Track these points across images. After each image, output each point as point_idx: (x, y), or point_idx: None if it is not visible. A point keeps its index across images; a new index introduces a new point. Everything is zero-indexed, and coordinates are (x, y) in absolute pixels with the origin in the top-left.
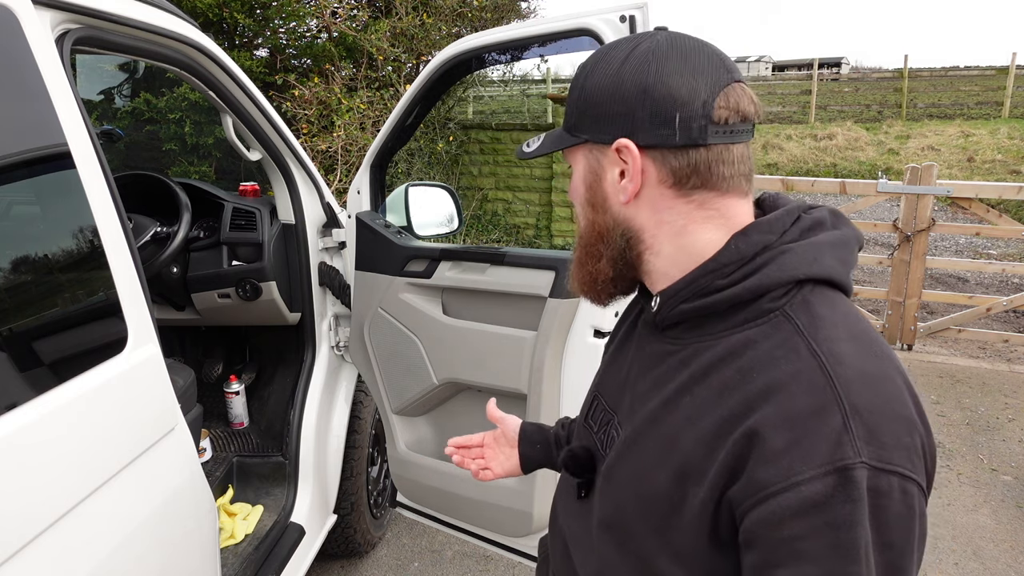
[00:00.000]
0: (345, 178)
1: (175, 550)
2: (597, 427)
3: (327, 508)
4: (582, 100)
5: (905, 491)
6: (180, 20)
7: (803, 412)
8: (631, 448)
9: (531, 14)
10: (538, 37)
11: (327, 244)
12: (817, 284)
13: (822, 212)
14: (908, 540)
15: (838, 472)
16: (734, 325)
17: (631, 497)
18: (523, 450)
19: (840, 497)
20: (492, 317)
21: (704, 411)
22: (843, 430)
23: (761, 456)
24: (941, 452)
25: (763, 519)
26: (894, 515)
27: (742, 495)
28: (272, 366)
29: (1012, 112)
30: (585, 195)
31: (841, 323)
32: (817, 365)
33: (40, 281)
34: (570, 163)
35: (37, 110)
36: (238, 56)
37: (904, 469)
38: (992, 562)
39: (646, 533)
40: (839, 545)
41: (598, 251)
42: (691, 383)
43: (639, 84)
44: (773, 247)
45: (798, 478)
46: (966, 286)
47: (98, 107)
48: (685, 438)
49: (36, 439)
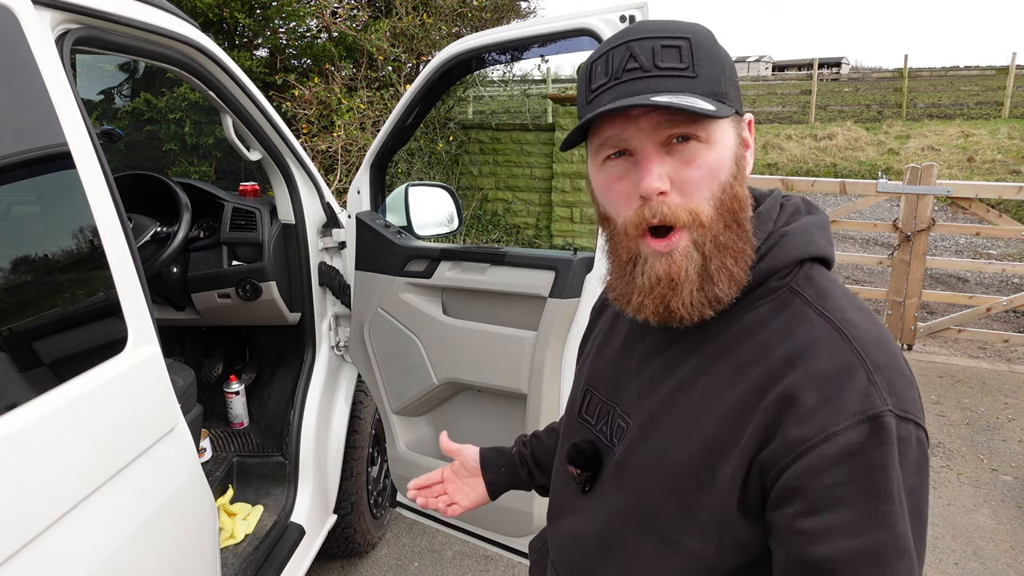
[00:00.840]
0: (345, 178)
1: (175, 550)
2: (596, 420)
3: (327, 508)
4: (727, 68)
5: (919, 439)
6: (180, 20)
7: (830, 371)
8: (648, 433)
9: (531, 14)
10: (538, 37)
11: (327, 244)
12: (814, 262)
13: (796, 199)
14: (924, 485)
15: (870, 420)
16: (743, 306)
17: (652, 480)
18: (488, 477)
19: (873, 442)
20: (492, 317)
21: (725, 387)
22: (869, 383)
23: (796, 416)
24: (941, 452)
25: (803, 471)
26: (913, 461)
27: (777, 455)
28: (272, 366)
29: (1012, 112)
30: (733, 167)
31: (843, 295)
32: (833, 329)
33: (40, 281)
34: (702, 134)
35: (37, 110)
36: (238, 56)
37: (918, 418)
38: (992, 562)
39: (672, 513)
40: (873, 487)
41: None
42: (705, 363)
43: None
44: (775, 232)
45: (834, 428)
46: (966, 286)
47: (98, 107)
48: (709, 416)
49: (36, 439)
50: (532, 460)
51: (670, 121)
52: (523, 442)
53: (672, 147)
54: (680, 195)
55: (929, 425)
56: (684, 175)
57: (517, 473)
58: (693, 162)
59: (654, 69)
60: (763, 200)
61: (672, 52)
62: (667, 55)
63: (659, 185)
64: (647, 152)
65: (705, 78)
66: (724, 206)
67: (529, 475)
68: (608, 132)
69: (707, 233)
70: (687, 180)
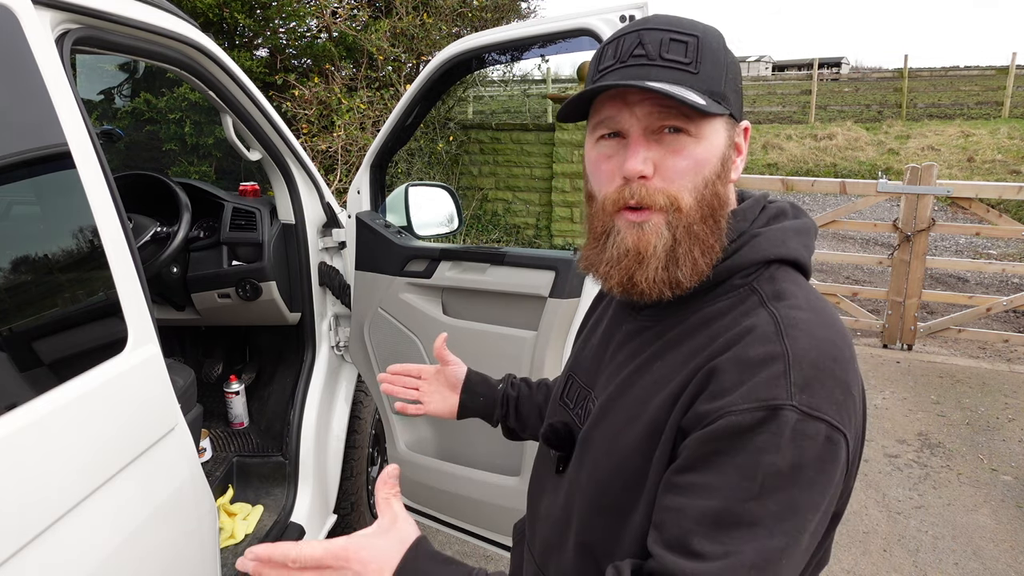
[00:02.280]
0: (345, 178)
1: (175, 550)
2: (573, 404)
3: (327, 508)
4: (730, 72)
5: (830, 438)
6: (180, 20)
7: (753, 358)
8: (605, 414)
9: (531, 14)
10: (538, 37)
11: (327, 244)
12: (783, 264)
13: (782, 203)
14: (820, 481)
15: (768, 409)
16: (706, 300)
17: (605, 457)
18: (464, 399)
19: (760, 429)
20: (492, 317)
21: (673, 373)
22: (782, 375)
23: (710, 393)
24: (941, 452)
25: (696, 436)
26: (814, 456)
27: (689, 425)
28: (272, 366)
29: (1012, 112)
30: (718, 166)
31: (802, 296)
32: (772, 322)
33: (40, 281)
34: (692, 129)
35: (37, 110)
36: (238, 56)
37: (833, 419)
38: (992, 562)
39: (620, 490)
40: (743, 464)
41: (719, 227)
42: (663, 350)
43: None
44: (747, 232)
45: (734, 408)
46: (966, 286)
47: (98, 107)
48: (656, 398)
49: (36, 439)
50: (514, 404)
51: (663, 112)
52: (511, 383)
53: (663, 136)
54: (662, 180)
55: (929, 425)
56: (669, 162)
57: (492, 409)
58: (680, 152)
59: (659, 59)
60: (743, 198)
61: (679, 46)
62: (674, 48)
63: (642, 168)
64: (636, 136)
65: (705, 76)
66: (704, 200)
67: (504, 416)
68: (606, 112)
69: (682, 219)
70: (671, 168)
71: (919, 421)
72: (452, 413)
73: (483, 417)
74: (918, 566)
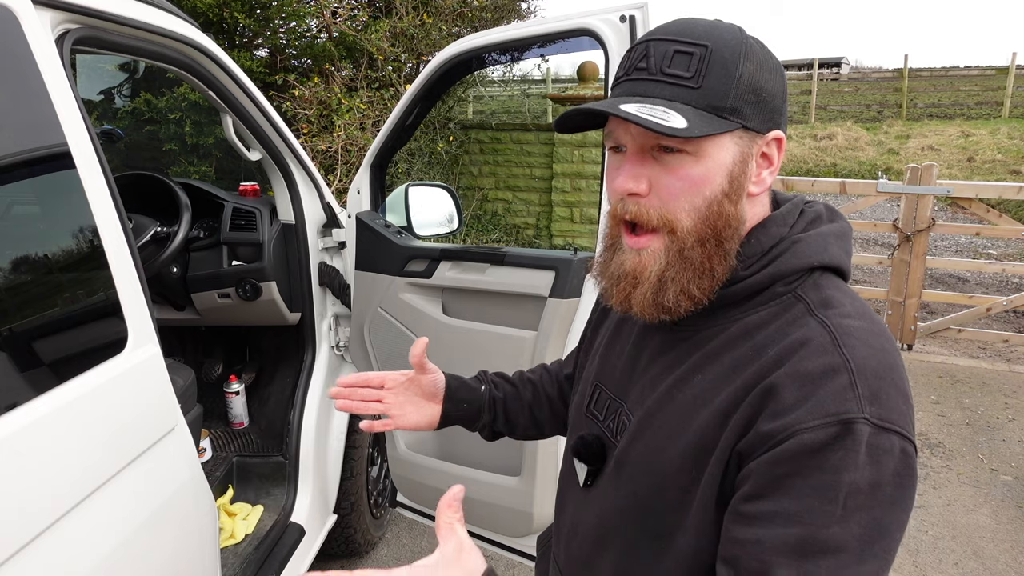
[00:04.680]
0: (345, 178)
1: (175, 550)
2: (604, 416)
3: (327, 508)
4: (744, 83)
5: (904, 451)
6: (180, 20)
7: (814, 371)
8: (644, 430)
9: (531, 14)
10: (538, 37)
11: (327, 244)
12: (825, 271)
13: (819, 206)
14: (902, 498)
15: (841, 424)
16: (747, 309)
17: (646, 476)
18: (447, 408)
19: (835, 445)
20: (492, 317)
21: (718, 387)
22: (849, 387)
23: (772, 411)
24: (941, 452)
25: (763, 460)
26: (892, 472)
27: (750, 447)
28: (272, 366)
29: (1012, 112)
30: (724, 184)
31: (849, 303)
32: (826, 332)
33: (40, 281)
34: (689, 147)
35: (37, 110)
36: (238, 56)
37: (904, 431)
38: (992, 562)
39: (664, 510)
40: (820, 485)
41: (724, 249)
42: (703, 362)
43: (781, 74)
44: (787, 238)
45: (803, 426)
46: (966, 286)
47: (98, 107)
48: (701, 413)
49: (36, 439)
50: (503, 407)
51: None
52: (493, 382)
53: (661, 154)
54: (658, 199)
55: (929, 425)
56: (664, 182)
57: (478, 415)
58: (675, 172)
59: (659, 73)
60: (783, 204)
61: (683, 59)
62: (677, 61)
63: (631, 186)
64: (631, 153)
65: (708, 91)
66: (707, 221)
67: (492, 420)
68: (609, 127)
69: (676, 243)
70: (666, 187)
71: (919, 421)
72: (432, 424)
73: (465, 424)
74: (918, 566)
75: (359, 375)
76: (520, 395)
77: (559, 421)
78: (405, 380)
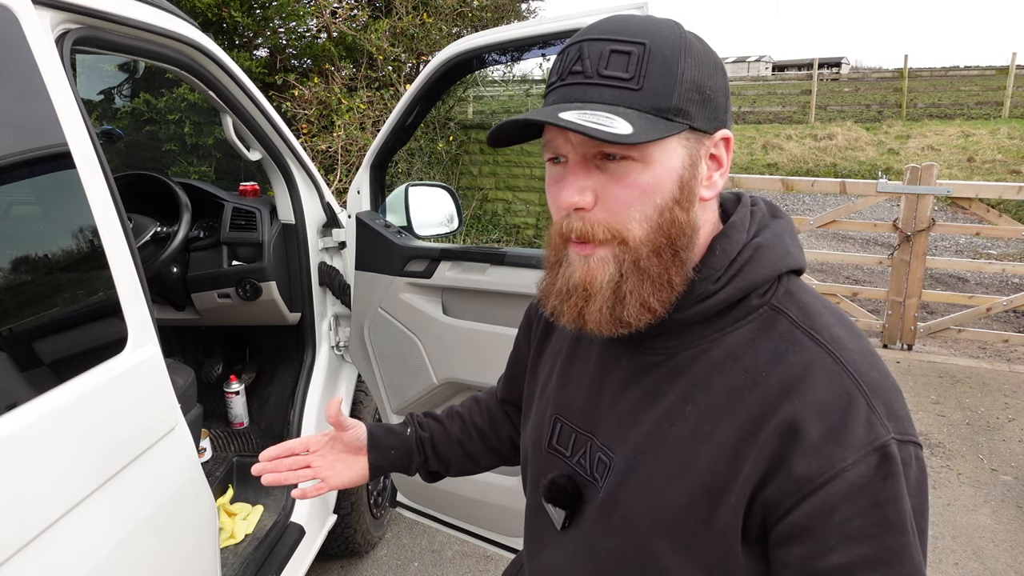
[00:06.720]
0: (345, 178)
1: (175, 550)
2: (571, 452)
3: (327, 508)
4: (687, 82)
5: (918, 458)
6: (180, 20)
7: (831, 400)
8: (635, 469)
9: (531, 14)
10: (538, 37)
11: (327, 244)
12: (790, 273)
13: (760, 201)
14: (926, 502)
15: (877, 451)
16: (724, 326)
17: (648, 520)
18: (374, 459)
19: (881, 474)
20: (492, 317)
21: (717, 417)
22: (870, 411)
23: (801, 451)
24: (941, 452)
25: (813, 510)
26: (915, 481)
27: (784, 492)
28: (272, 366)
29: (1012, 112)
30: (675, 191)
31: (823, 308)
32: (826, 352)
33: (40, 281)
34: (636, 153)
35: (37, 110)
36: (238, 56)
37: (916, 438)
38: (992, 562)
39: (671, 551)
40: (885, 520)
41: (680, 259)
42: (691, 391)
43: (723, 70)
44: (748, 244)
45: (842, 464)
46: (966, 286)
47: (98, 107)
48: (704, 449)
49: (36, 439)
50: (431, 446)
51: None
52: (419, 423)
53: (605, 163)
54: (604, 211)
55: (929, 425)
56: (611, 192)
57: (409, 458)
58: (623, 180)
59: (596, 76)
60: (731, 208)
61: (620, 59)
62: (614, 62)
63: (577, 199)
64: (573, 164)
65: (650, 92)
66: (659, 230)
67: (424, 461)
68: (547, 136)
69: (629, 253)
70: (613, 198)
71: (919, 421)
72: (363, 478)
73: (400, 470)
74: None
75: (280, 446)
76: (448, 431)
77: (493, 453)
78: (328, 440)
